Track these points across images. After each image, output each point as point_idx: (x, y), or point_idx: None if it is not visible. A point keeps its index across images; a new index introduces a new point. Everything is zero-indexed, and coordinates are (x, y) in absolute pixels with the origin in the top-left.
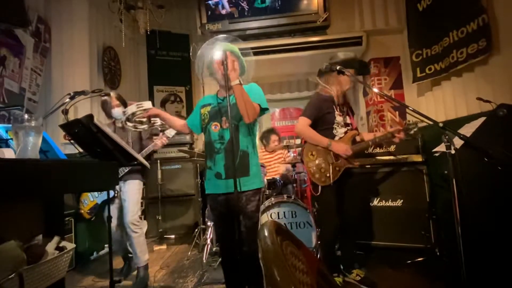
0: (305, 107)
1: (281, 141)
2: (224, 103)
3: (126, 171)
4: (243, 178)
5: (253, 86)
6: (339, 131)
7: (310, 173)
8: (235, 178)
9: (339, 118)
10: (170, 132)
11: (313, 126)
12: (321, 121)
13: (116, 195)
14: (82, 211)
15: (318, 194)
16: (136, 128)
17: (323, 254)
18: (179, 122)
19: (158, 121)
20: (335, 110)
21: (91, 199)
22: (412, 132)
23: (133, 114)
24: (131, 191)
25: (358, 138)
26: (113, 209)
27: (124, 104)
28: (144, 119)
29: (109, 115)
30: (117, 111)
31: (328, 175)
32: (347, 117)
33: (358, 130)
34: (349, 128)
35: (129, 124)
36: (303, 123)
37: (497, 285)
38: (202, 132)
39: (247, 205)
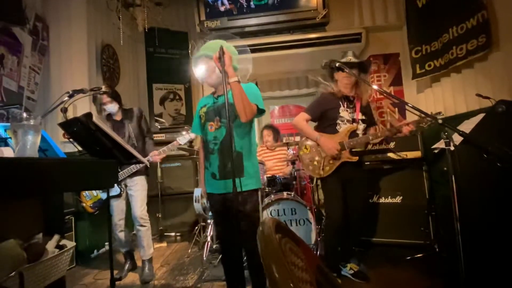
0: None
1: (279, 138)
2: (219, 102)
3: (134, 171)
4: (236, 179)
5: (251, 86)
6: (343, 127)
7: (304, 165)
8: (234, 178)
9: (344, 114)
10: (182, 140)
11: (318, 123)
12: (324, 118)
13: (122, 192)
14: (84, 205)
15: (321, 185)
16: None
17: (325, 248)
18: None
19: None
20: (341, 105)
21: (94, 193)
22: (425, 125)
23: None
24: (139, 186)
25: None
26: (118, 205)
27: (116, 99)
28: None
29: (100, 110)
30: (110, 107)
31: (322, 167)
32: (359, 113)
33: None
34: (359, 124)
35: None
36: (300, 117)
37: (495, 281)
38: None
39: (244, 205)
